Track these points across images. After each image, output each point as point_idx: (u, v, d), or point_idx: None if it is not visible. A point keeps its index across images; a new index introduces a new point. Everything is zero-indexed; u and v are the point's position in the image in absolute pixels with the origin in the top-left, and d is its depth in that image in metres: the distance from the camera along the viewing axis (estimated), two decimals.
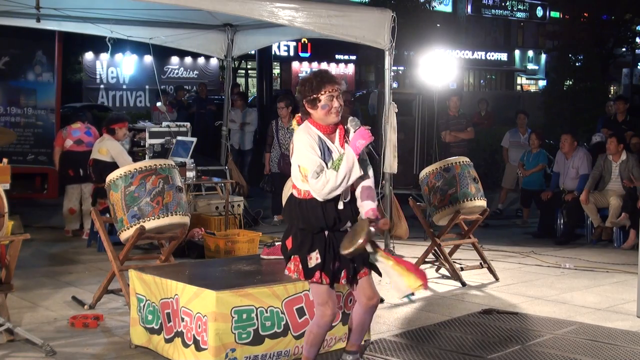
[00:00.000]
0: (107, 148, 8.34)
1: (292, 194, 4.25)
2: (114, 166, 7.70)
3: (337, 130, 4.18)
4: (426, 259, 7.43)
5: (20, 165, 11.08)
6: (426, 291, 6.83)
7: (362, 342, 4.52)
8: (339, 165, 4.03)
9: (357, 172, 4.05)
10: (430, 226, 7.46)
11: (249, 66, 34.77)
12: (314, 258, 4.10)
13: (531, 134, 11.12)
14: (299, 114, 4.27)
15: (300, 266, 4.12)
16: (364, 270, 4.24)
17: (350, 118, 4.27)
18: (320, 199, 4.06)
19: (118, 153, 8.31)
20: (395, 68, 15.77)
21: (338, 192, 4.05)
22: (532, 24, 48.45)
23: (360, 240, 3.93)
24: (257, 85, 18.92)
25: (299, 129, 4.21)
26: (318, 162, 4.03)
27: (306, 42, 34.91)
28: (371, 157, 4.29)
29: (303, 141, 4.12)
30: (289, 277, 4.97)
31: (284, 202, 6.99)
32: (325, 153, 4.09)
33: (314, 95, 4.09)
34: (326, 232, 4.13)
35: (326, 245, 4.13)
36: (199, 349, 4.51)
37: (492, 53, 45.99)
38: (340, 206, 4.14)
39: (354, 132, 4.16)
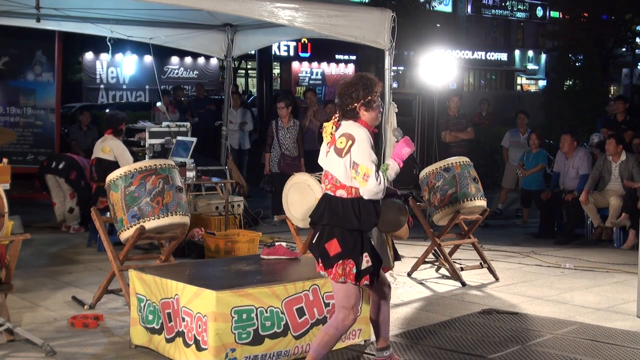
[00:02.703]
0: (110, 147, 8.36)
1: (334, 196, 4.17)
2: (117, 165, 7.73)
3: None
4: (426, 259, 7.43)
5: (20, 166, 11.09)
6: (426, 291, 6.86)
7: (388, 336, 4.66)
8: (386, 172, 4.12)
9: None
10: (430, 226, 7.46)
11: (249, 66, 34.78)
12: (365, 260, 4.12)
13: (531, 134, 11.11)
14: (336, 119, 4.25)
15: (354, 269, 4.08)
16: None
17: (394, 127, 4.34)
18: (366, 198, 4.09)
19: (121, 152, 8.34)
20: (395, 68, 15.74)
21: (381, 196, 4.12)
22: (532, 24, 48.44)
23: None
24: (257, 85, 18.96)
25: (355, 125, 4.17)
26: (375, 163, 4.08)
27: (306, 42, 34.91)
28: (411, 164, 4.38)
29: (366, 140, 4.09)
30: (288, 277, 4.99)
31: (284, 203, 7.04)
32: None
33: (369, 97, 4.16)
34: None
35: (370, 245, 4.20)
36: (199, 348, 4.51)
37: (492, 53, 45.99)
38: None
39: (397, 141, 4.25)
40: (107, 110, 15.12)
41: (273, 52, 25.38)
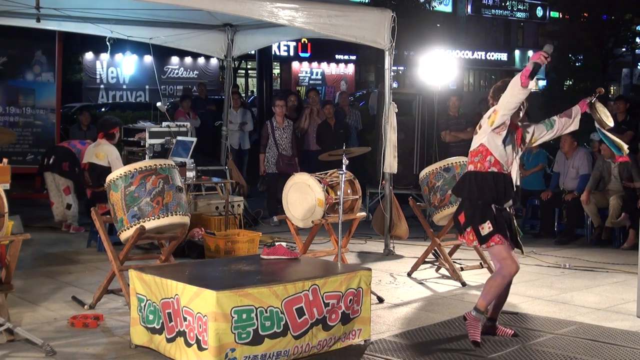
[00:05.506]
0: (105, 153, 8.44)
1: (467, 171, 5.08)
2: (110, 171, 7.73)
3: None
4: (426, 259, 7.43)
5: (20, 166, 11.09)
6: (426, 291, 6.86)
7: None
8: None
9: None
10: (430, 226, 7.46)
11: (249, 66, 34.76)
12: (483, 228, 4.94)
13: None
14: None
15: (477, 235, 4.94)
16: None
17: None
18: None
19: (115, 159, 8.46)
20: (395, 68, 15.73)
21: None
22: (532, 24, 48.43)
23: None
24: (257, 85, 18.94)
25: None
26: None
27: (306, 42, 34.90)
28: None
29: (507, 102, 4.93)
30: (288, 277, 5.00)
31: (284, 202, 7.04)
32: (508, 140, 5.00)
33: None
34: (493, 206, 4.95)
35: (493, 215, 4.95)
36: (200, 348, 4.51)
37: (492, 53, 45.98)
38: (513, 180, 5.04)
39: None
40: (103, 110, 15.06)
41: (273, 52, 25.33)
